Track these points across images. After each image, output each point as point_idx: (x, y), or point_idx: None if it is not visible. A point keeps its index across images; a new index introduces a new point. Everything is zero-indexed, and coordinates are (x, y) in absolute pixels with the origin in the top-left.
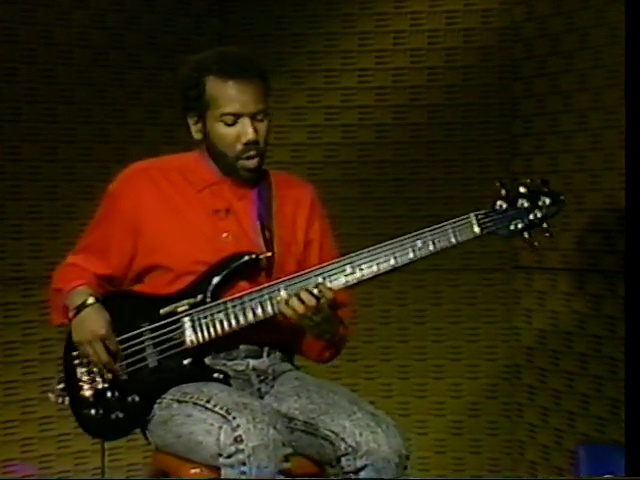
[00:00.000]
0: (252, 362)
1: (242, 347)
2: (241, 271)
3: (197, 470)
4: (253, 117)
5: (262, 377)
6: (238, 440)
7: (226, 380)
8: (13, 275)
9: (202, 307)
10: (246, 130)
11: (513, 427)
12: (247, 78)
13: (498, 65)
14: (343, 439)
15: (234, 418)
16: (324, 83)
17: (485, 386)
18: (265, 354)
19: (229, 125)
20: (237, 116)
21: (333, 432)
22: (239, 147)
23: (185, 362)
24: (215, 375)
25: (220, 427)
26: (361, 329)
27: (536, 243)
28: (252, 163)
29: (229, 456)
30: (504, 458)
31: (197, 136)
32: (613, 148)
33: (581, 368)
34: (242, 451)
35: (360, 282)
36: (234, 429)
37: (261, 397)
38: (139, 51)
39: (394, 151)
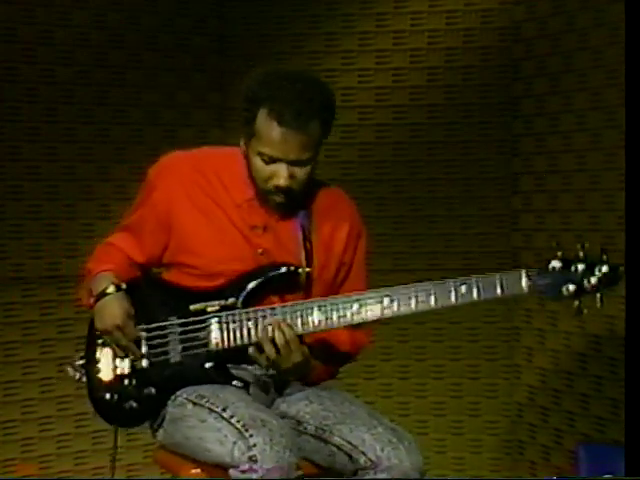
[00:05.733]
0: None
1: None
2: (277, 281)
3: (197, 470)
4: (293, 163)
5: (279, 384)
6: (252, 459)
7: (246, 387)
8: (13, 275)
9: (232, 311)
10: (280, 175)
11: (513, 427)
12: (298, 128)
13: (498, 65)
14: (363, 452)
15: (251, 436)
16: None
17: (485, 386)
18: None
19: (266, 162)
20: (275, 160)
21: (350, 443)
22: (269, 186)
23: (207, 364)
24: (234, 382)
25: (235, 442)
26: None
27: (585, 311)
28: (280, 200)
29: (242, 472)
30: (504, 458)
31: (242, 144)
32: (613, 148)
33: (581, 368)
34: (255, 471)
35: (394, 316)
36: (249, 448)
37: (273, 402)
38: (139, 51)
39: (394, 151)
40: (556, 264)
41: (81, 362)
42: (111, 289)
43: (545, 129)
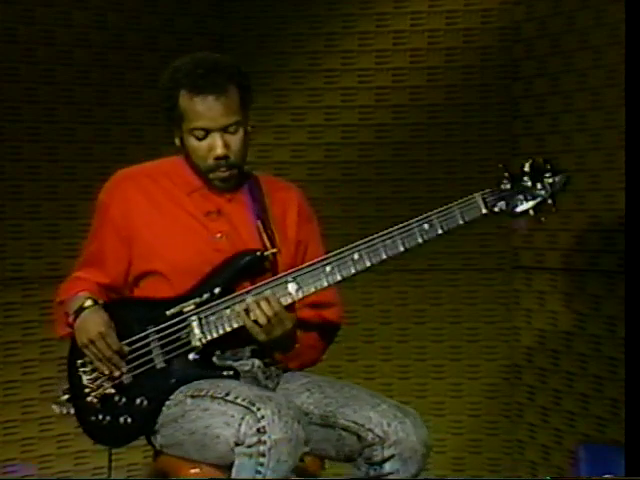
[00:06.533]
0: (257, 361)
1: (247, 347)
2: (248, 270)
3: (197, 470)
4: (224, 130)
5: (267, 374)
6: (261, 431)
7: (236, 377)
8: (13, 275)
9: (208, 305)
10: (215, 145)
11: (513, 427)
12: (217, 92)
13: (498, 65)
14: (370, 429)
15: (258, 409)
16: (324, 83)
17: (485, 386)
18: (269, 352)
19: (200, 139)
20: (207, 131)
21: (356, 423)
22: (210, 161)
23: (193, 362)
24: (224, 372)
25: (242, 418)
26: (361, 329)
27: (542, 219)
28: (223, 175)
29: (249, 446)
30: (504, 458)
31: (177, 142)
32: (613, 148)
33: (581, 368)
34: (264, 442)
35: (368, 269)
36: (258, 420)
37: None
38: (139, 51)
39: (394, 151)
40: (506, 182)
41: (65, 397)
42: (88, 303)
43: (545, 129)
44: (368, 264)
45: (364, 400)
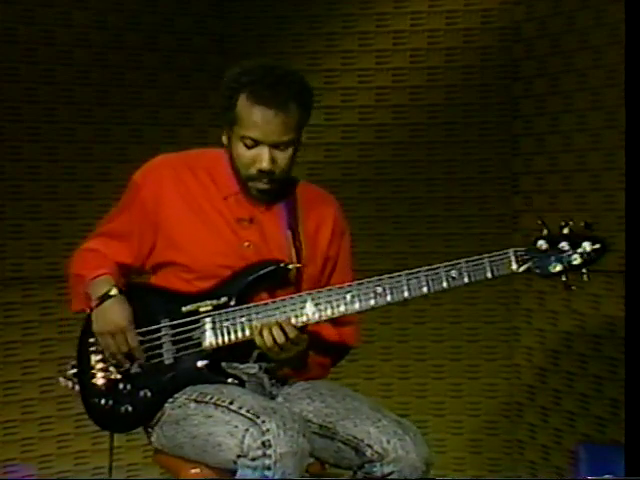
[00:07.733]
0: (264, 365)
1: (255, 351)
2: (268, 279)
3: (197, 470)
4: (274, 146)
5: (273, 380)
6: (266, 445)
7: (242, 385)
8: (13, 275)
9: (225, 310)
10: (262, 158)
11: (513, 427)
12: (278, 107)
13: (498, 65)
14: (369, 445)
15: (263, 422)
16: (324, 83)
17: (485, 386)
18: (277, 365)
19: (248, 147)
20: (257, 142)
21: (356, 438)
22: (252, 171)
23: (201, 364)
24: (230, 380)
25: (247, 430)
26: (361, 329)
27: (573, 287)
28: (263, 187)
29: (253, 459)
30: (504, 458)
31: (224, 141)
32: (613, 148)
33: (581, 368)
34: (269, 456)
35: (388, 304)
36: (263, 433)
37: (272, 399)
38: (139, 51)
39: (394, 151)
40: (542, 243)
41: (73, 371)
42: (114, 291)
43: (545, 129)
44: (389, 299)
45: (365, 414)
